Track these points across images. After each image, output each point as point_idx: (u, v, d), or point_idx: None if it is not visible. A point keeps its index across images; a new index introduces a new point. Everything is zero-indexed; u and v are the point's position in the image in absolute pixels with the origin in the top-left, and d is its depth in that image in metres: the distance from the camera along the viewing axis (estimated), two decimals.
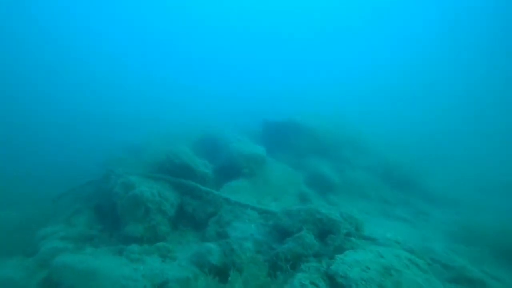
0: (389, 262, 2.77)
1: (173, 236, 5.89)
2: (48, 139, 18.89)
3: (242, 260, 3.99)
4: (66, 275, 4.01)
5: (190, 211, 6.52)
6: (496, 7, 31.56)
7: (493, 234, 5.24)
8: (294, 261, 3.82)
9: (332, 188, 9.59)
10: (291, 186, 9.41)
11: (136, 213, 5.49)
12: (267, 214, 6.16)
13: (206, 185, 7.07)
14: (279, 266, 3.82)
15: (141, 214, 5.46)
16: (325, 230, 4.25)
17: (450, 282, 3.45)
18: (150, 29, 55.49)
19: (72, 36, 47.37)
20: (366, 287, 2.59)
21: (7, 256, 5.70)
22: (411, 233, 5.59)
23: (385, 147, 13.57)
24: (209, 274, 3.77)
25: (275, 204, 7.65)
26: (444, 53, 34.83)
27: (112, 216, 6.68)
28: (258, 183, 8.46)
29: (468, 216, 6.77)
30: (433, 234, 5.39)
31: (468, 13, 34.60)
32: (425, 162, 12.48)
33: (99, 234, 6.28)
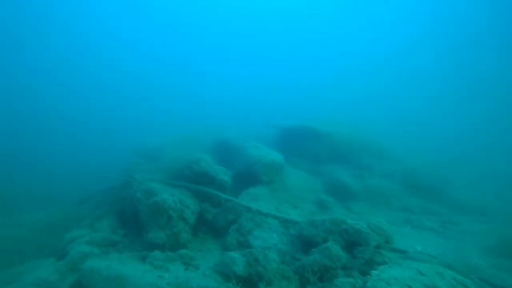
0: (432, 282, 2.60)
1: (193, 244, 5.90)
2: (61, 144, 19.66)
3: (267, 270, 3.91)
4: (94, 280, 4.09)
5: (210, 219, 6.53)
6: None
7: None
8: (322, 273, 3.71)
9: (352, 196, 9.35)
10: (309, 194, 9.26)
11: (159, 220, 5.55)
12: (288, 223, 6.06)
13: (225, 192, 7.09)
14: (306, 278, 3.72)
15: (163, 221, 5.51)
16: (351, 242, 4.10)
17: None
18: (160, 36, 56.95)
19: (90, 42, 49.40)
20: None
21: (38, 258, 5.94)
22: (442, 245, 5.30)
23: (404, 153, 13.15)
24: (235, 284, 3.72)
25: (295, 212, 7.53)
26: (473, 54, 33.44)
27: (134, 222, 6.80)
28: (277, 191, 8.38)
29: (502, 226, 6.36)
30: (466, 246, 5.08)
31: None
32: (447, 167, 11.97)
33: (122, 240, 6.40)
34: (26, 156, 16.56)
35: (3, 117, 24.25)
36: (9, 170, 13.90)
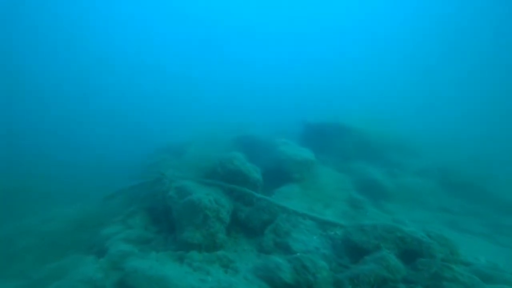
0: None
1: (228, 244, 5.77)
2: (87, 139, 20.24)
3: (318, 279, 3.68)
4: (138, 281, 4.03)
5: (243, 218, 6.37)
6: None
7: None
8: (379, 285, 3.42)
9: (385, 195, 8.89)
10: (340, 192, 8.90)
11: (194, 219, 5.44)
12: (327, 225, 5.79)
13: (257, 191, 6.89)
14: None
15: (199, 221, 5.39)
16: (408, 251, 3.77)
17: None
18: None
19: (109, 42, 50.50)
20: None
21: (75, 253, 6.05)
22: (499, 253, 4.85)
23: (439, 149, 12.40)
24: None
25: (329, 212, 7.24)
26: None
27: (166, 220, 6.77)
28: (308, 189, 8.10)
29: None
30: None
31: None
32: (486, 163, 11.13)
33: (155, 237, 6.39)
34: (52, 151, 17.18)
35: (32, 114, 25.38)
36: (37, 165, 14.41)
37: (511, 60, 28.99)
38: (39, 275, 4.80)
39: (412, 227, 4.20)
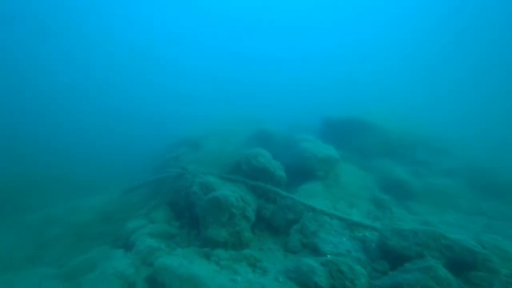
0: None
1: (253, 242, 5.67)
2: (107, 133, 20.70)
3: (356, 286, 3.50)
4: (169, 279, 3.99)
5: (268, 216, 6.25)
6: None
7: None
8: None
9: (410, 195, 8.52)
10: (363, 191, 8.61)
11: (219, 217, 5.35)
12: (356, 226, 5.57)
13: (280, 188, 6.73)
14: None
15: (225, 218, 5.30)
16: (457, 262, 3.51)
17: None
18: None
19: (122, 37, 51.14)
20: None
21: (101, 245, 6.12)
22: None
23: (466, 147, 11.77)
24: None
25: (355, 212, 7.00)
26: None
27: (189, 215, 6.75)
28: (331, 187, 7.86)
29: None
30: None
31: None
32: None
33: (179, 232, 6.38)
34: (74, 144, 17.64)
35: (59, 109, 26.21)
36: (60, 158, 14.79)
37: None
38: (71, 265, 4.87)
39: (461, 234, 3.91)
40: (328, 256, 4.53)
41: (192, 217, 6.55)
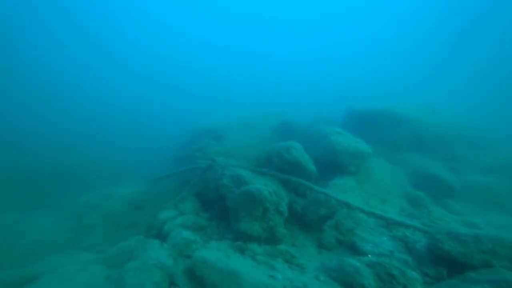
0: None
1: (286, 238, 5.54)
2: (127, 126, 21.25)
3: None
4: (208, 272, 3.95)
5: (299, 211, 6.08)
6: None
7: None
8: None
9: (449, 193, 8.02)
10: (395, 187, 8.20)
11: (253, 211, 5.24)
12: (397, 225, 5.27)
13: (311, 183, 6.51)
14: None
15: (258, 213, 5.19)
16: None
17: None
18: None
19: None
20: None
21: (135, 234, 6.25)
22: None
23: (507, 143, 10.88)
24: None
25: (388, 209, 6.67)
26: None
27: (218, 207, 6.71)
28: (363, 182, 7.54)
29: None
30: None
31: None
32: None
33: (209, 224, 6.37)
34: (99, 135, 18.23)
35: (85, 103, 27.29)
36: (86, 149, 15.26)
37: None
38: (111, 252, 4.98)
39: None
40: (369, 256, 4.31)
41: (221, 209, 6.51)
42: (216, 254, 4.33)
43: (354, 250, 4.80)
